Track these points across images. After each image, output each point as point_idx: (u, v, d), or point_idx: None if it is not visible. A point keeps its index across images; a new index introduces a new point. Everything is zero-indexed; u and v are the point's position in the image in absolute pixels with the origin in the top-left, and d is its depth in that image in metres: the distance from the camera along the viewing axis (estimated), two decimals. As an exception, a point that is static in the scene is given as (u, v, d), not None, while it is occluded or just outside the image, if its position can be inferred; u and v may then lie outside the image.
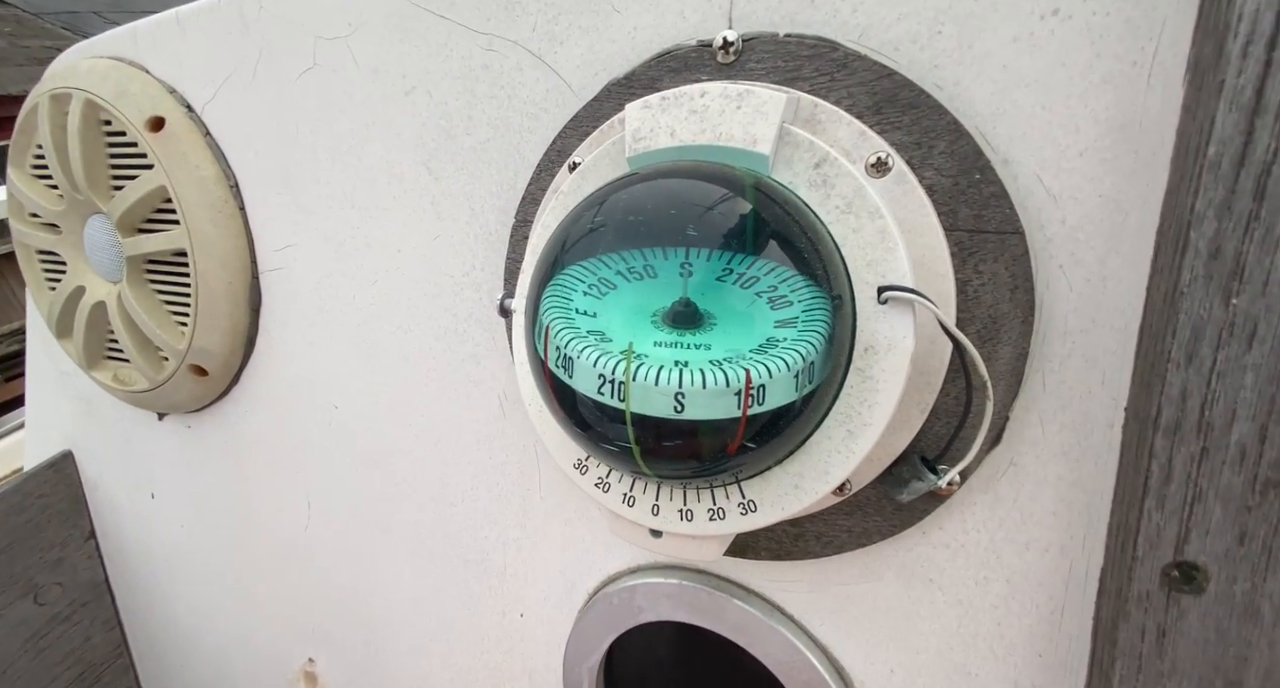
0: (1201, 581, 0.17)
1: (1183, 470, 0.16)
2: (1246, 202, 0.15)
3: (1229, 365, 0.15)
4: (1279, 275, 0.15)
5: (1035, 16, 0.17)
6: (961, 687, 0.22)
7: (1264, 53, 0.14)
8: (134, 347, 0.35)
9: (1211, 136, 0.15)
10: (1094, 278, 0.18)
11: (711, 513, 0.19)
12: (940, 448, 0.19)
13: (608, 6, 0.22)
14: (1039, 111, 0.18)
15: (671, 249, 0.17)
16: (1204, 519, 0.16)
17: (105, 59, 0.33)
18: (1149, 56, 0.16)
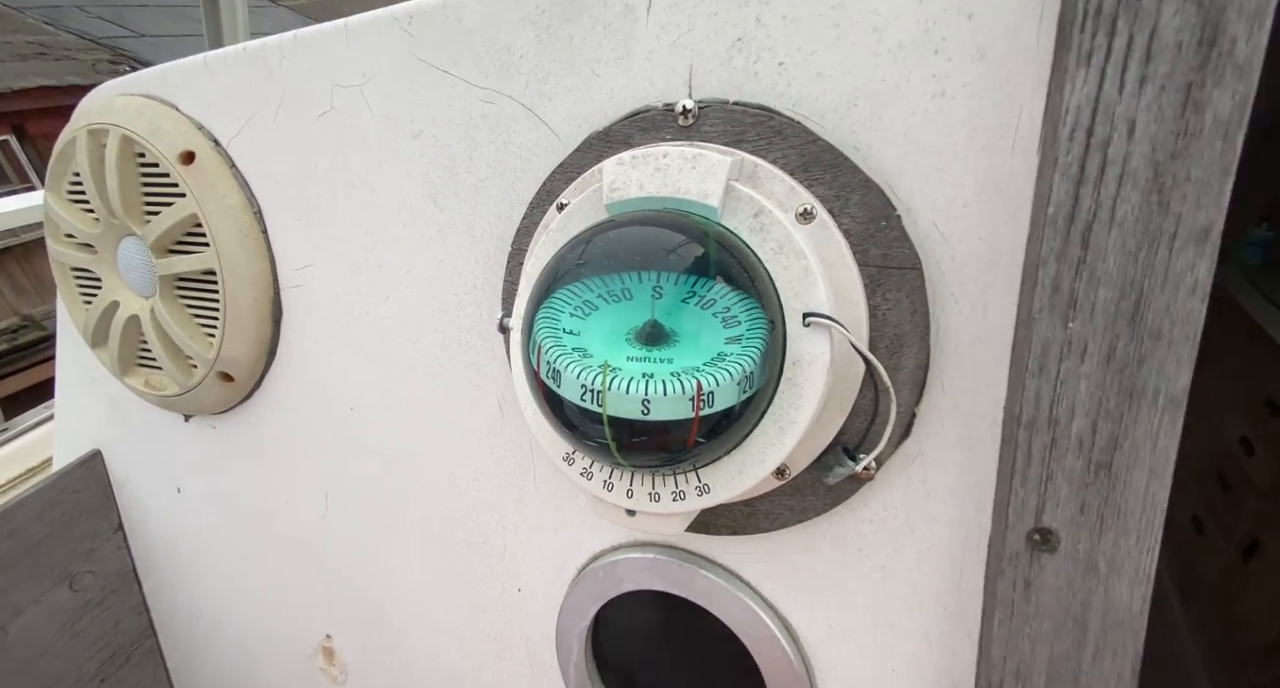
0: (1054, 542, 0.21)
1: (1039, 456, 0.21)
2: (1076, 250, 0.19)
3: (1068, 375, 0.20)
4: (1100, 306, 0.19)
5: (928, 96, 0.21)
6: (885, 636, 0.27)
7: (1084, 138, 0.18)
8: (166, 355, 0.38)
9: (1050, 199, 0.19)
10: (977, 304, 0.22)
11: (674, 495, 0.23)
12: (859, 440, 0.24)
13: (589, 71, 0.26)
14: (933, 171, 0.22)
15: (647, 273, 0.22)
16: (1055, 494, 0.21)
17: (139, 97, 0.36)
18: (1013, 132, 0.21)
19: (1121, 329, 0.19)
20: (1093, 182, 0.18)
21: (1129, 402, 0.19)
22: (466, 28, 0.28)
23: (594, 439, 0.22)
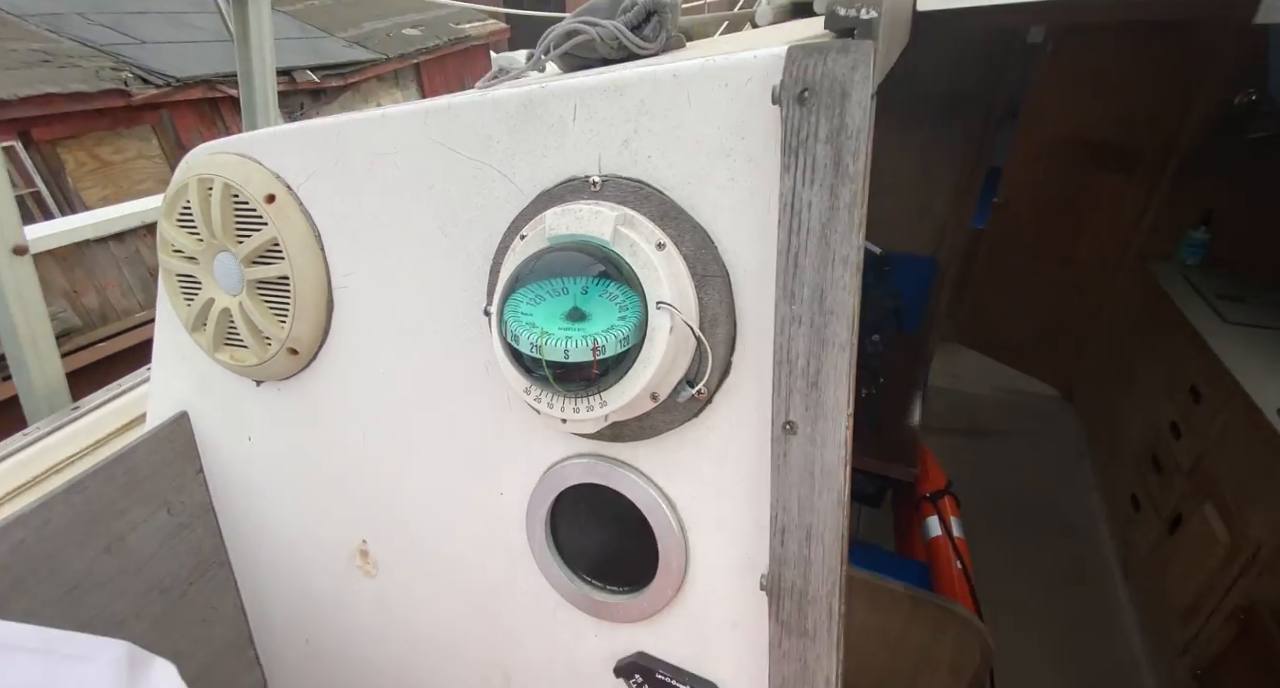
0: (794, 429, 0.37)
1: (785, 381, 0.37)
2: (793, 267, 0.35)
3: (795, 334, 0.36)
4: (806, 297, 0.35)
5: (725, 179, 0.37)
6: (724, 498, 0.43)
7: (790, 209, 0.34)
8: (250, 336, 0.54)
9: (781, 239, 0.35)
10: (758, 297, 0.39)
11: (588, 408, 0.39)
12: (695, 376, 0.40)
13: (540, 152, 0.42)
14: (731, 222, 0.38)
15: (573, 279, 0.37)
16: (794, 401, 0.37)
17: (233, 155, 0.52)
18: (768, 202, 0.37)
19: (816, 309, 0.35)
20: (796, 231, 0.34)
21: (822, 348, 0.35)
22: (463, 123, 0.44)
23: (539, 374, 0.38)
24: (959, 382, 3.10)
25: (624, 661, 0.49)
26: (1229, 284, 2.15)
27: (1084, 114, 2.49)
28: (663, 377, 0.38)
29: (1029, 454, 2.70)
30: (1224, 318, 1.96)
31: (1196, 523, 1.73)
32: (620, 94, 0.38)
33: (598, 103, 0.39)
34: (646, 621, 0.47)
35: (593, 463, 0.46)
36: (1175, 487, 1.88)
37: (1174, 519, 1.84)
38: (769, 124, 0.34)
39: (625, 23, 0.59)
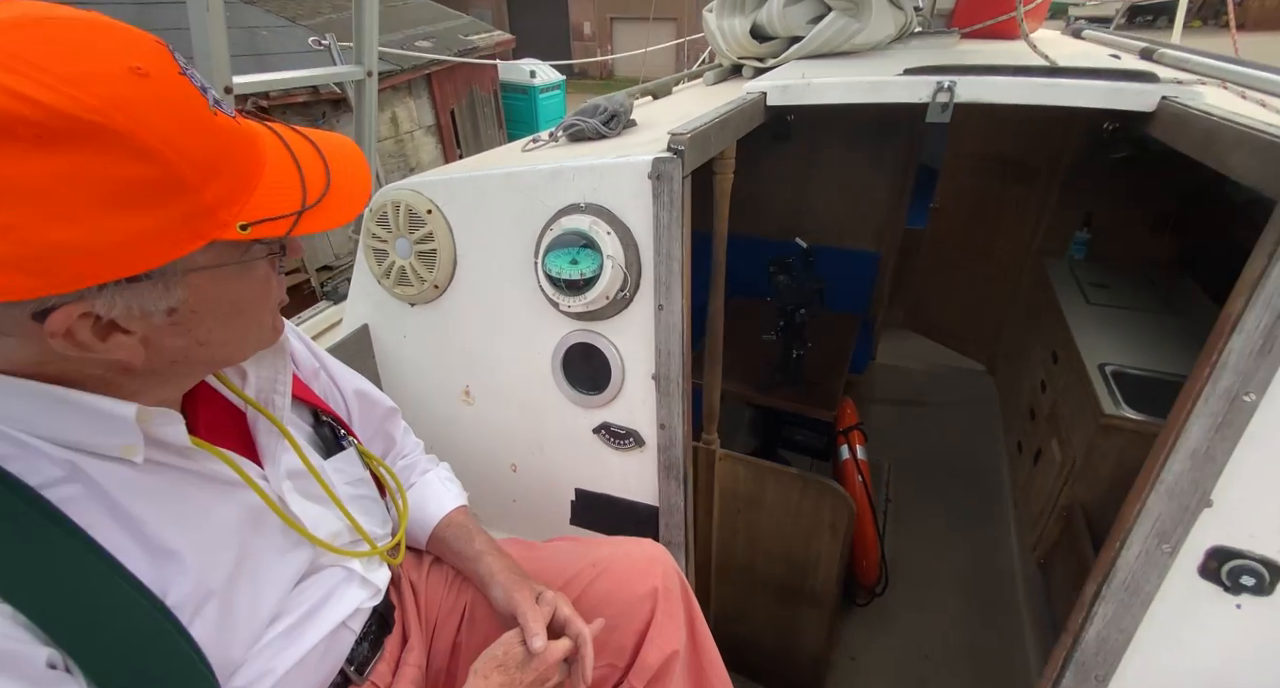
0: (662, 308, 0.92)
1: (658, 289, 0.91)
2: (658, 244, 0.89)
3: (660, 268, 0.90)
4: (662, 254, 0.89)
5: (633, 205, 0.91)
6: (636, 342, 0.98)
7: (657, 224, 0.88)
8: (414, 280, 1.09)
9: (656, 233, 0.89)
10: (648, 255, 0.93)
11: (581, 303, 0.94)
12: (624, 289, 0.95)
13: (559, 193, 0.97)
14: (638, 222, 0.92)
15: (574, 248, 0.92)
16: (661, 295, 0.91)
17: (407, 190, 1.07)
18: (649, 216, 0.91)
19: (666, 259, 0.89)
20: (660, 228, 0.89)
21: (669, 273, 0.90)
22: (524, 180, 0.98)
23: (559, 285, 0.93)
24: (903, 360, 3.65)
25: (596, 425, 1.03)
26: (1100, 274, 2.69)
27: (996, 137, 3.02)
28: (610, 289, 0.93)
29: (956, 418, 3.25)
30: (1088, 301, 2.50)
31: (1048, 454, 2.27)
32: (590, 170, 0.93)
33: (582, 173, 0.94)
34: (605, 405, 1.02)
35: (582, 332, 1.00)
36: (1039, 430, 2.42)
37: (1036, 454, 2.38)
38: (645, 183, 0.89)
39: (600, 120, 1.14)
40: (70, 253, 0.36)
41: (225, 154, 0.41)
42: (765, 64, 1.70)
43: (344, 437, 0.72)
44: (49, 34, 0.36)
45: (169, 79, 0.39)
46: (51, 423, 0.44)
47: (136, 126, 0.36)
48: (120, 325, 0.42)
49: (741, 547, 1.75)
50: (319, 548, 0.61)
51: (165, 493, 0.49)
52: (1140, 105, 0.94)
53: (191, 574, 0.49)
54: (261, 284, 0.49)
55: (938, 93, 1.03)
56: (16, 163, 0.34)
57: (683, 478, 1.02)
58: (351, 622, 0.65)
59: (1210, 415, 0.65)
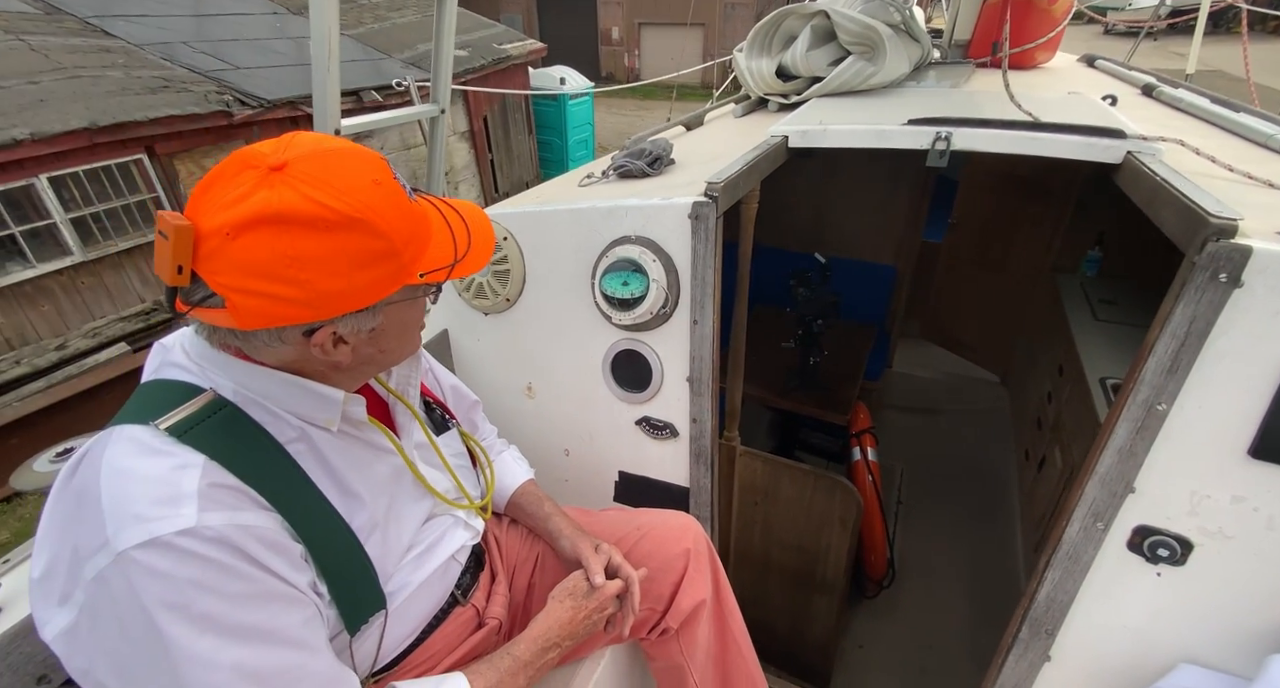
0: (697, 323, 1.12)
1: (693, 306, 1.11)
2: (695, 270, 1.09)
3: (697, 289, 1.10)
4: (698, 279, 1.09)
5: (675, 238, 1.12)
6: (674, 351, 1.18)
7: (694, 254, 1.08)
8: (490, 293, 1.31)
9: (694, 261, 1.09)
10: (687, 279, 1.13)
11: (630, 316, 1.15)
12: (665, 304, 1.15)
13: (613, 226, 1.17)
14: (679, 251, 1.13)
15: (625, 272, 1.13)
16: (696, 312, 1.11)
17: (487, 220, 1.29)
18: (687, 247, 1.11)
19: (701, 283, 1.09)
20: (695, 257, 1.09)
21: (703, 294, 1.10)
22: (585, 216, 1.19)
23: (613, 302, 1.13)
24: (919, 369, 3.79)
25: (638, 418, 1.24)
26: (1109, 291, 2.81)
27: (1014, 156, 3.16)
28: (654, 306, 1.13)
29: (969, 426, 3.38)
30: (1096, 317, 2.63)
31: (1051, 461, 2.41)
32: (640, 210, 1.13)
33: (633, 212, 1.14)
34: (646, 402, 1.22)
35: (628, 340, 1.21)
36: (1044, 438, 2.55)
37: (1041, 461, 2.52)
38: (685, 222, 1.09)
39: (645, 162, 1.35)
40: (335, 296, 0.55)
41: (415, 228, 0.60)
42: (789, 100, 1.90)
43: (448, 420, 0.93)
44: (328, 161, 0.55)
45: (390, 184, 0.58)
46: (292, 401, 0.64)
47: (376, 218, 0.55)
48: (345, 339, 0.62)
49: (758, 537, 1.94)
50: (436, 500, 0.82)
51: (349, 453, 0.70)
52: (1108, 158, 1.12)
53: (366, 510, 0.69)
54: (420, 311, 0.70)
55: (936, 142, 1.22)
56: (314, 241, 0.53)
57: (710, 464, 1.22)
58: (458, 556, 0.86)
59: (1132, 420, 0.82)
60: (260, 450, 0.61)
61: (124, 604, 0.51)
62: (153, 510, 0.52)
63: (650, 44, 17.58)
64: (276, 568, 0.57)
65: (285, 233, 0.52)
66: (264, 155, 0.54)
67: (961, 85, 1.99)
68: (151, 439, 0.56)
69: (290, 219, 0.52)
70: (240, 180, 0.53)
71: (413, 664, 0.79)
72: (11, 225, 4.67)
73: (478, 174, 9.48)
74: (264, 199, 0.52)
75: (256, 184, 0.53)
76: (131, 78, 6.07)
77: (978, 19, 2.51)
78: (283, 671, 0.55)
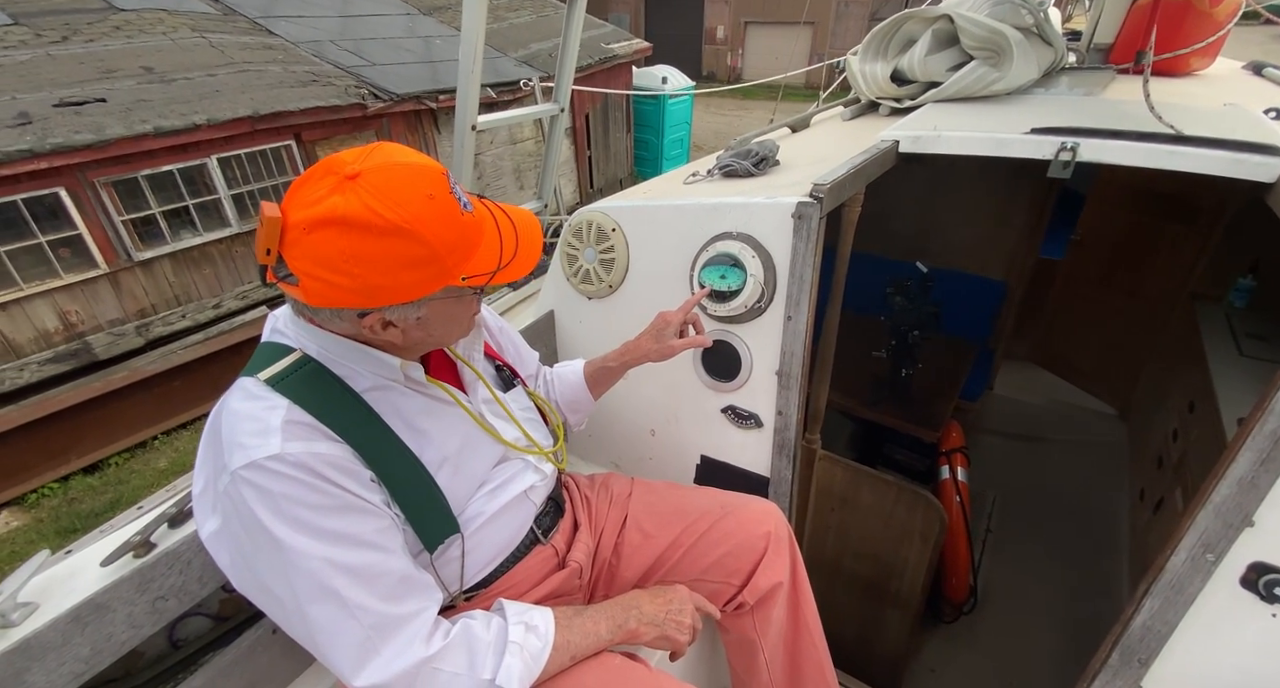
0: (791, 319, 1.15)
1: (790, 301, 1.15)
2: (794, 267, 1.12)
3: (793, 285, 1.13)
4: (796, 275, 1.12)
5: (775, 236, 1.16)
6: (768, 347, 1.22)
7: (793, 252, 1.12)
8: (595, 278, 1.41)
9: (793, 259, 1.13)
10: (784, 274, 1.17)
11: (727, 309, 1.20)
12: (760, 298, 1.19)
13: (717, 222, 1.23)
14: (778, 248, 1.16)
15: (724, 266, 1.19)
16: (792, 307, 1.14)
17: (597, 211, 1.39)
18: (788, 245, 1.14)
19: (799, 280, 1.13)
20: (796, 255, 1.12)
21: (800, 291, 1.13)
22: (691, 211, 1.26)
23: (713, 294, 1.19)
24: (1022, 393, 3.55)
25: (724, 406, 1.29)
26: (1261, 325, 2.52)
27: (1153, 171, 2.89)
28: (750, 299, 1.18)
29: (1076, 461, 3.14)
30: (1242, 352, 2.38)
31: (1170, 504, 2.21)
32: (744, 207, 1.18)
33: (736, 209, 1.19)
34: (734, 391, 1.27)
35: (721, 331, 1.26)
36: (1165, 478, 2.34)
37: (1158, 503, 2.32)
38: (788, 221, 1.13)
39: (751, 162, 1.40)
40: (382, 290, 0.66)
41: (463, 237, 0.68)
42: (902, 105, 1.86)
43: (513, 379, 1.02)
44: (393, 175, 0.63)
45: (444, 198, 0.66)
46: (361, 362, 0.76)
47: (423, 229, 0.64)
48: (394, 324, 0.72)
49: (831, 542, 1.93)
50: (504, 445, 0.91)
51: (419, 402, 0.80)
52: (1261, 176, 1.04)
53: (435, 445, 0.79)
54: (468, 307, 0.78)
55: (1060, 152, 1.18)
56: (367, 244, 0.62)
57: (792, 456, 1.25)
58: (532, 495, 0.93)
59: (1257, 450, 0.78)
60: (336, 397, 0.73)
61: (243, 510, 0.65)
62: (251, 440, 0.66)
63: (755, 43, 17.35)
64: (349, 486, 0.69)
65: (346, 234, 0.62)
66: (345, 163, 0.64)
67: (1096, 93, 1.87)
68: (255, 388, 0.70)
69: (352, 223, 0.62)
70: (323, 184, 0.63)
71: (498, 590, 0.90)
72: (187, 199, 5.40)
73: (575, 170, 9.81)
74: (334, 204, 0.62)
75: (332, 189, 0.63)
76: (288, 72, 6.82)
77: (1123, 21, 2.32)
78: (366, 566, 0.68)
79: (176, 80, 5.82)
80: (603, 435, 1.61)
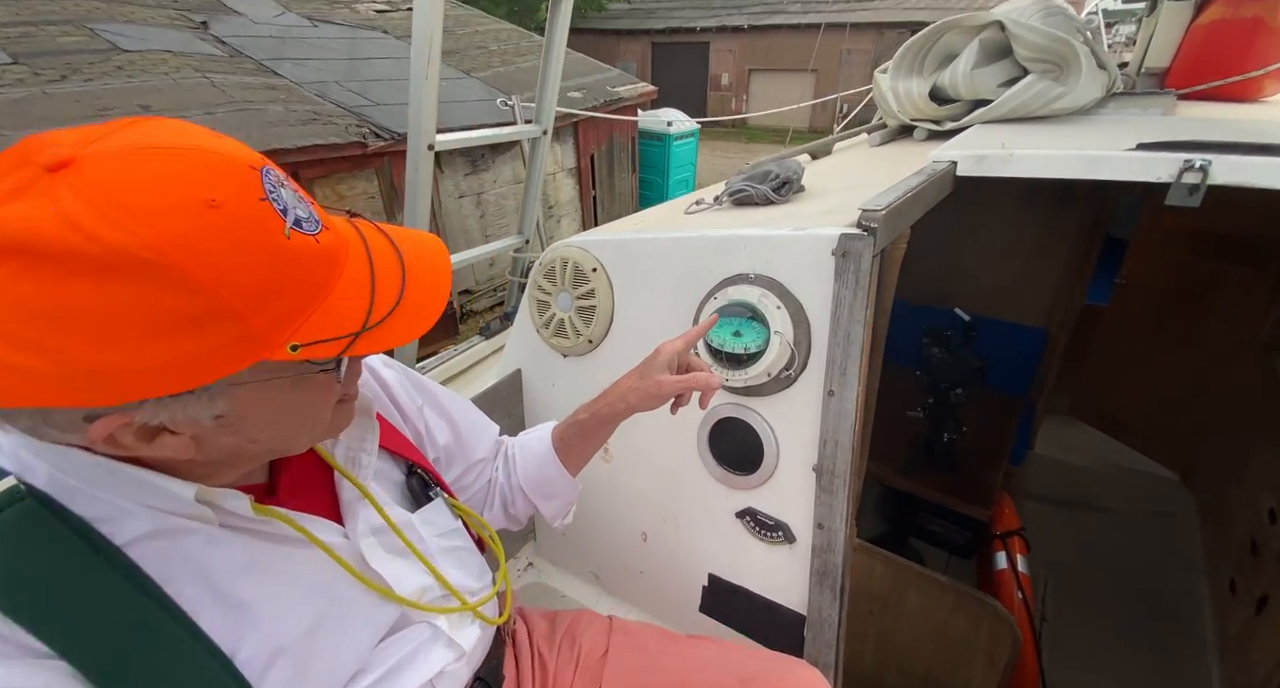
0: (833, 394, 0.83)
1: (831, 371, 0.83)
2: (837, 323, 0.81)
3: (835, 349, 0.82)
4: (840, 333, 0.81)
5: (807, 280, 0.85)
6: (799, 430, 0.89)
7: (837, 301, 0.81)
8: (571, 332, 1.10)
9: (834, 311, 0.82)
10: (819, 332, 0.85)
11: (741, 378, 0.88)
12: (790, 366, 0.88)
13: (726, 262, 0.93)
14: (811, 297, 0.86)
15: (738, 319, 0.88)
16: (833, 379, 0.83)
17: (576, 247, 1.09)
18: (826, 293, 0.84)
19: (844, 340, 0.81)
20: (839, 306, 0.81)
21: (845, 356, 0.81)
22: (692, 248, 0.96)
23: (721, 356, 0.88)
24: (1069, 454, 3.17)
25: (740, 509, 0.95)
26: (1355, 382, 2.17)
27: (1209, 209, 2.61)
28: (774, 366, 0.86)
29: (1137, 533, 2.74)
30: (1343, 414, 2.02)
31: (1277, 603, 1.82)
32: (764, 241, 0.88)
33: (754, 243, 0.89)
34: (753, 488, 0.94)
35: (735, 406, 0.94)
36: (1265, 570, 1.95)
37: (1261, 601, 1.92)
38: (826, 260, 0.82)
39: (770, 187, 1.10)
40: (113, 374, 0.37)
41: (286, 279, 0.41)
42: (943, 127, 1.59)
43: (430, 487, 0.70)
44: (139, 166, 0.37)
45: (245, 208, 0.39)
46: (134, 492, 0.46)
47: (190, 262, 0.37)
48: (168, 428, 0.43)
49: (870, 654, 1.55)
50: (399, 604, 0.59)
51: (242, 551, 0.50)
52: None
53: (264, 628, 0.48)
54: (319, 391, 0.49)
55: (1185, 172, 0.88)
56: (70, 291, 0.35)
57: (839, 590, 0.91)
58: (440, 683, 0.62)
59: None
60: (61, 564, 0.43)
61: None
62: None
63: (759, 89, 17.65)
64: None
65: (30, 272, 0.35)
66: (56, 145, 0.36)
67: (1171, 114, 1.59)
68: None
69: (40, 252, 0.34)
70: (4, 181, 0.36)
71: None
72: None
73: (579, 209, 9.73)
74: (10, 217, 0.34)
75: (15, 189, 0.35)
76: (289, 111, 6.77)
77: (1180, 42, 2.08)
78: None
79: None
80: (581, 536, 1.26)
